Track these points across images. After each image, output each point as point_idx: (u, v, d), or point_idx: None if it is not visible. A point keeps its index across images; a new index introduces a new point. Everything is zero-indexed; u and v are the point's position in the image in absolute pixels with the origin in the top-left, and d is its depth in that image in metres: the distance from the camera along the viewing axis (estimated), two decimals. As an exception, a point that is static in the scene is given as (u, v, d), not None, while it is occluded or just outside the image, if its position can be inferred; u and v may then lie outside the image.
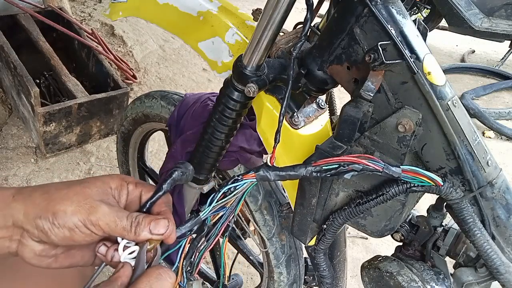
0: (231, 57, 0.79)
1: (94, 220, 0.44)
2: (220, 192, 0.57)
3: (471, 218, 0.57)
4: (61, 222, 0.44)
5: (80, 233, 0.45)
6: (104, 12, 0.96)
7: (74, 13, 2.98)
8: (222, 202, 0.58)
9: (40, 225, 0.44)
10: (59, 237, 0.45)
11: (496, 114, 2.84)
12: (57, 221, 0.44)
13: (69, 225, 0.44)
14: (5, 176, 1.74)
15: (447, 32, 4.42)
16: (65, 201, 0.45)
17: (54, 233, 0.44)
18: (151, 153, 2.01)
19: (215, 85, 2.72)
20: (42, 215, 0.44)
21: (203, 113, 0.92)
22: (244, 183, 0.58)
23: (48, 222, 0.44)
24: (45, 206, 0.44)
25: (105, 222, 0.45)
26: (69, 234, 0.44)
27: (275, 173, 0.58)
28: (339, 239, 0.94)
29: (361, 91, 0.56)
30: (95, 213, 0.44)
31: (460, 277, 0.64)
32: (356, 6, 0.56)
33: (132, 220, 0.46)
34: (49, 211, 0.44)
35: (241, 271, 1.56)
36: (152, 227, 0.46)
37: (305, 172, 0.57)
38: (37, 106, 1.70)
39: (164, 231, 0.46)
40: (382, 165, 0.54)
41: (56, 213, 0.44)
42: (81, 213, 0.44)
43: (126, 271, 0.44)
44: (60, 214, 0.44)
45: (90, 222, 0.44)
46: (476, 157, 0.56)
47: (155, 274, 0.42)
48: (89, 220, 0.44)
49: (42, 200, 0.45)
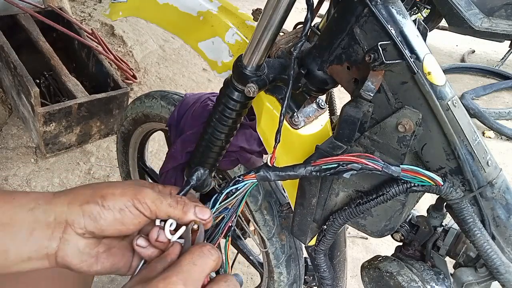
0: (231, 57, 0.79)
1: (141, 198, 0.46)
2: (223, 194, 0.57)
3: (471, 218, 0.57)
4: (111, 204, 0.46)
5: (130, 213, 0.46)
6: (104, 12, 0.96)
7: (74, 13, 2.98)
8: (225, 204, 0.58)
9: (88, 210, 0.45)
10: (109, 220, 0.46)
11: (496, 114, 2.84)
12: (106, 203, 0.45)
13: (119, 205, 0.46)
14: (5, 176, 1.74)
15: (447, 32, 4.42)
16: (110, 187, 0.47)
17: (104, 216, 0.45)
18: (151, 153, 2.01)
19: (215, 85, 2.72)
20: (90, 200, 0.46)
21: (203, 113, 0.92)
22: (245, 184, 0.58)
23: (98, 206, 0.45)
24: (91, 193, 0.46)
25: (151, 200, 0.47)
26: (120, 216, 0.46)
27: (275, 173, 0.58)
28: (339, 239, 0.94)
29: (361, 91, 0.56)
30: (141, 192, 0.47)
31: (460, 277, 0.64)
32: (356, 6, 0.56)
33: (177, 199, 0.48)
34: (96, 195, 0.46)
35: (241, 271, 1.56)
36: (197, 211, 0.48)
37: (305, 171, 0.57)
38: (37, 106, 1.70)
39: (207, 217, 0.49)
40: (382, 164, 0.54)
41: (105, 196, 0.46)
42: (128, 194, 0.46)
43: (175, 249, 0.46)
44: (109, 197, 0.46)
45: (138, 201, 0.46)
46: (476, 157, 0.56)
47: (198, 252, 0.43)
48: (137, 199, 0.46)
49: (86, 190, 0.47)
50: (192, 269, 0.41)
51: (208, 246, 0.44)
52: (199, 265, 0.42)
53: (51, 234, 0.45)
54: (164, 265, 0.43)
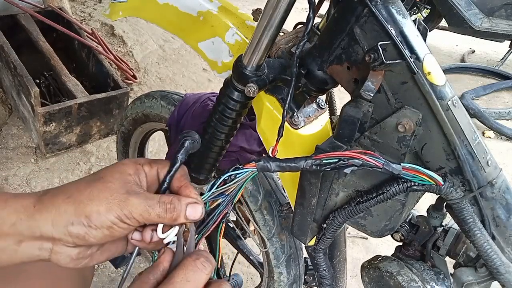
0: (231, 57, 0.79)
1: (128, 213, 0.44)
2: (221, 179, 0.57)
3: (471, 218, 0.57)
4: (98, 223, 0.43)
5: (119, 228, 0.44)
6: (104, 12, 0.96)
7: (74, 13, 2.98)
8: (223, 189, 0.58)
9: (75, 232, 0.43)
10: (98, 237, 0.44)
11: (496, 114, 2.84)
12: (93, 223, 0.43)
13: (107, 224, 0.43)
14: (5, 176, 1.74)
15: (447, 32, 4.41)
16: (93, 201, 0.43)
17: (92, 235, 0.44)
18: (151, 153, 2.01)
19: (215, 85, 2.72)
20: (74, 221, 0.43)
21: (203, 113, 0.92)
22: (245, 171, 0.58)
23: (84, 227, 0.43)
24: (74, 211, 0.43)
25: (139, 213, 0.44)
26: (108, 232, 0.44)
27: (275, 163, 0.58)
28: (339, 239, 0.94)
29: (361, 91, 0.56)
30: (126, 206, 0.44)
31: (460, 277, 0.64)
32: (356, 6, 0.56)
33: (166, 206, 0.45)
34: (80, 215, 0.43)
35: (241, 271, 1.56)
36: (188, 213, 0.46)
37: (305, 164, 0.57)
38: (37, 106, 1.70)
39: (199, 216, 0.47)
40: (383, 161, 0.54)
41: (90, 216, 0.43)
42: (114, 210, 0.43)
43: (167, 256, 0.44)
44: (94, 216, 0.43)
45: (125, 216, 0.44)
46: (476, 157, 0.56)
47: (191, 267, 0.42)
48: (123, 215, 0.44)
49: (67, 206, 0.44)
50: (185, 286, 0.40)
51: (202, 259, 0.42)
52: (192, 281, 0.41)
53: (40, 245, 0.44)
54: (156, 277, 0.42)
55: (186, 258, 0.43)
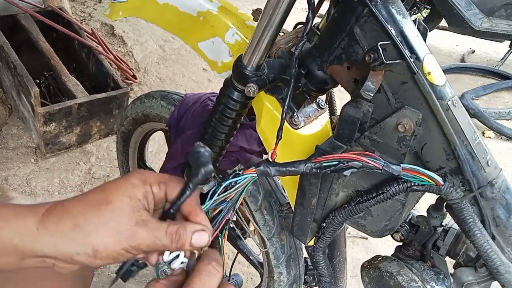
0: (231, 57, 0.79)
1: (136, 245, 0.43)
2: (221, 186, 0.57)
3: (471, 218, 0.57)
4: (104, 255, 0.43)
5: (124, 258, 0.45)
6: (104, 12, 0.96)
7: (74, 13, 2.98)
8: (223, 196, 0.58)
9: (81, 260, 0.43)
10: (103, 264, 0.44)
11: (496, 114, 2.84)
12: (99, 255, 0.43)
13: (113, 255, 0.43)
14: (5, 176, 1.74)
15: (447, 32, 4.41)
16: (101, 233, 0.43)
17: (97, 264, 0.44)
18: (151, 153, 2.01)
19: (215, 85, 2.72)
20: (80, 251, 0.43)
21: (203, 113, 0.92)
22: (245, 177, 0.58)
23: (89, 257, 0.43)
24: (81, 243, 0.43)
25: (146, 245, 0.44)
26: (113, 260, 0.44)
27: (275, 168, 0.58)
28: (339, 239, 0.94)
29: (361, 91, 0.56)
30: (135, 240, 0.43)
31: (460, 277, 0.64)
32: (356, 6, 0.56)
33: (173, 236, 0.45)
34: (87, 246, 0.43)
35: (241, 271, 1.56)
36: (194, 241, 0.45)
37: (305, 168, 0.57)
38: (37, 106, 1.70)
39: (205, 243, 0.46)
40: (382, 163, 0.54)
41: (97, 248, 0.43)
42: (121, 243, 0.43)
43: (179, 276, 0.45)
44: (101, 248, 0.43)
45: (132, 248, 0.43)
46: (476, 157, 0.56)
47: (205, 272, 0.43)
48: (131, 247, 0.43)
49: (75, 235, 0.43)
50: None
51: (214, 263, 0.43)
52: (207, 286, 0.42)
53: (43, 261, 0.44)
54: None
55: (198, 264, 0.44)
